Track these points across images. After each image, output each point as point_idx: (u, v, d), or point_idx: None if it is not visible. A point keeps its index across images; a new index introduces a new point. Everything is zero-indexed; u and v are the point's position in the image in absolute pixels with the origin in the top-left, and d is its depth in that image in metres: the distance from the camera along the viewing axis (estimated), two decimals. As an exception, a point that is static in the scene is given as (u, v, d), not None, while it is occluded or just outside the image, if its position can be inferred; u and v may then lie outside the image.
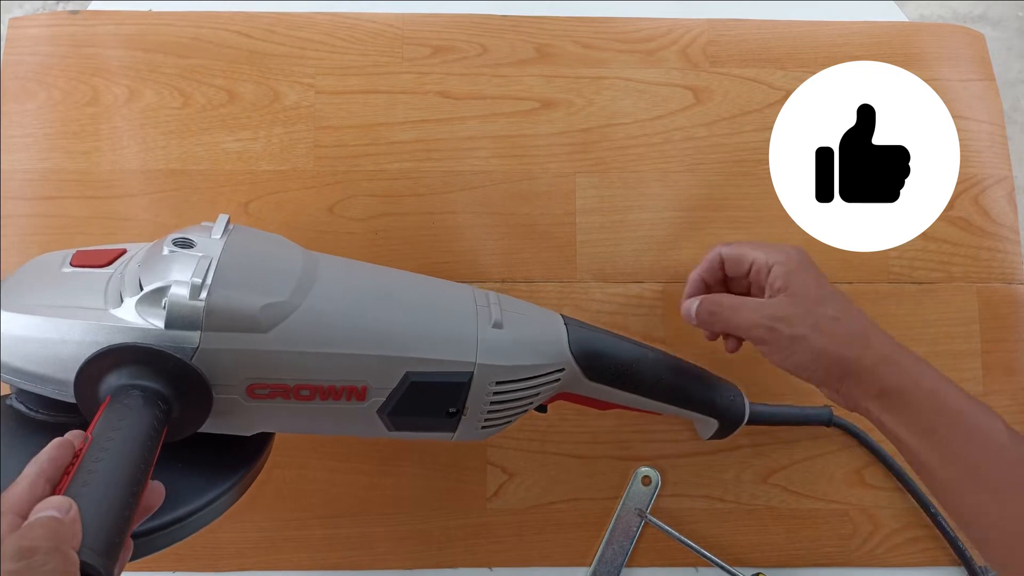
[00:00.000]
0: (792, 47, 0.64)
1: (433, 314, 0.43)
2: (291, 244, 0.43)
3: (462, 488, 0.57)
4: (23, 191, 0.59)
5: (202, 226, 0.41)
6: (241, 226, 0.42)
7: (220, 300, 0.36)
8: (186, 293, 0.36)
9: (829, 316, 0.44)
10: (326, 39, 0.62)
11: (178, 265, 0.37)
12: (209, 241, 0.39)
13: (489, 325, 0.43)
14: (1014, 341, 0.61)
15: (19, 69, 0.61)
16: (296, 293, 0.39)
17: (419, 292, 0.45)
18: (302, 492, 0.56)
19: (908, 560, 0.58)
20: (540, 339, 0.46)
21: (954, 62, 0.65)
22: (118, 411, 0.34)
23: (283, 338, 0.38)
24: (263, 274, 0.39)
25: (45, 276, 0.40)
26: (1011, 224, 0.63)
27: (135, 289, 0.37)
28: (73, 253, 0.41)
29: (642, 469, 0.58)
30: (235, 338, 0.37)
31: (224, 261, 0.38)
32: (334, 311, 0.40)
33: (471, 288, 0.47)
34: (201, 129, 0.60)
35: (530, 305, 0.49)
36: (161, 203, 0.59)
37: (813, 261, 0.48)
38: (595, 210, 0.61)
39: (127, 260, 0.40)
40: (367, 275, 0.45)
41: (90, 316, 0.36)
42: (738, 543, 0.58)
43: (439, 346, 0.41)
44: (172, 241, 0.38)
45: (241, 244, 0.40)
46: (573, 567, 0.57)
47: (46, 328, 0.36)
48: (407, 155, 0.61)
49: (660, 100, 0.63)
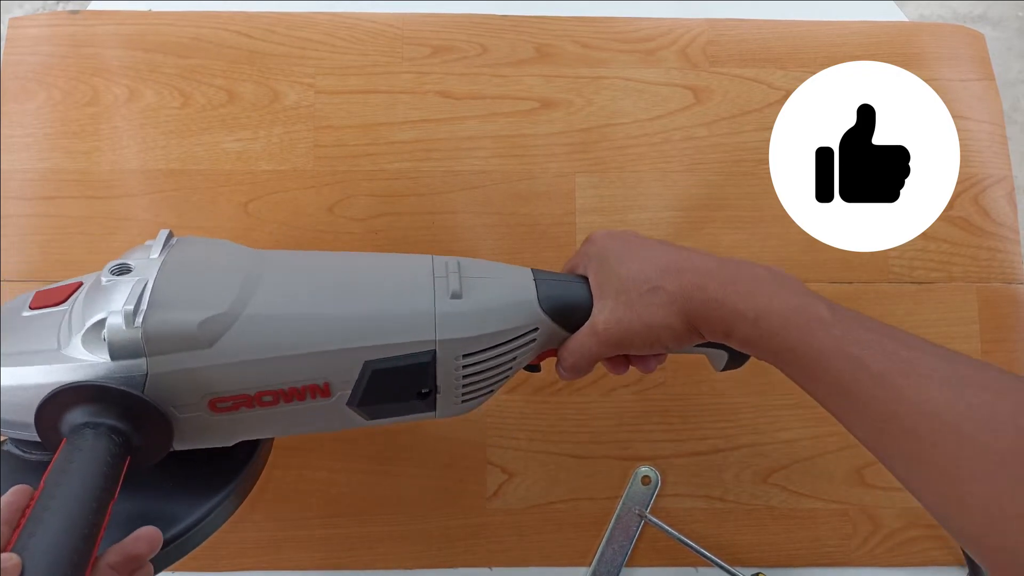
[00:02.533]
0: (792, 47, 0.64)
1: (384, 296, 0.41)
2: (237, 248, 0.42)
3: (462, 488, 0.57)
4: (23, 191, 0.59)
5: (144, 246, 0.41)
6: (185, 238, 0.42)
7: (156, 324, 0.36)
8: (121, 322, 0.35)
9: (648, 289, 0.41)
10: (326, 39, 0.62)
11: (115, 294, 0.37)
12: (146, 262, 0.39)
13: (447, 296, 0.41)
14: (1014, 341, 0.61)
15: (19, 69, 0.61)
16: (236, 302, 0.38)
17: (370, 275, 0.43)
18: (302, 492, 0.56)
19: (908, 560, 0.58)
20: (506, 302, 0.43)
21: (954, 62, 0.65)
22: (69, 453, 0.34)
23: (229, 350, 0.37)
24: (200, 288, 0.38)
25: (9, 323, 0.40)
26: (1011, 224, 0.63)
27: (80, 325, 0.37)
28: (33, 295, 0.41)
29: (642, 469, 0.58)
30: (181, 358, 0.37)
31: (159, 282, 0.37)
32: (278, 314, 0.39)
33: (431, 258, 0.44)
34: (201, 129, 0.60)
35: (498, 265, 0.46)
36: (161, 203, 0.59)
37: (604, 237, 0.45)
38: (595, 210, 0.61)
39: (79, 294, 0.40)
40: (315, 267, 0.43)
41: (43, 359, 0.37)
42: (738, 543, 0.58)
43: (394, 329, 0.40)
44: (109, 270, 0.38)
45: (179, 260, 0.39)
46: (573, 567, 0.57)
47: (7, 376, 0.37)
48: (407, 155, 0.61)
49: (660, 100, 0.63)
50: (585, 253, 0.46)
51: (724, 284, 0.40)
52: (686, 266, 0.41)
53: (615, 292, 0.42)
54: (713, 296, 0.40)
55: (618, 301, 0.42)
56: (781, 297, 0.39)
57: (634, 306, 0.41)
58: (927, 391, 0.33)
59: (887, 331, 0.36)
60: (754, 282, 0.40)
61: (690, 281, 0.40)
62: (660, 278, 0.41)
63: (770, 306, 0.38)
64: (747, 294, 0.39)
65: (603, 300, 0.43)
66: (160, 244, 0.40)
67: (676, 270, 0.41)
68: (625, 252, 0.43)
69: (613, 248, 0.44)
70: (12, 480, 0.37)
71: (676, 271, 0.41)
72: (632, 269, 0.42)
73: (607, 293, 0.43)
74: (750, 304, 0.39)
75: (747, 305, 0.39)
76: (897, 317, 0.61)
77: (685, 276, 0.41)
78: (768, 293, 0.39)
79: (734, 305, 0.39)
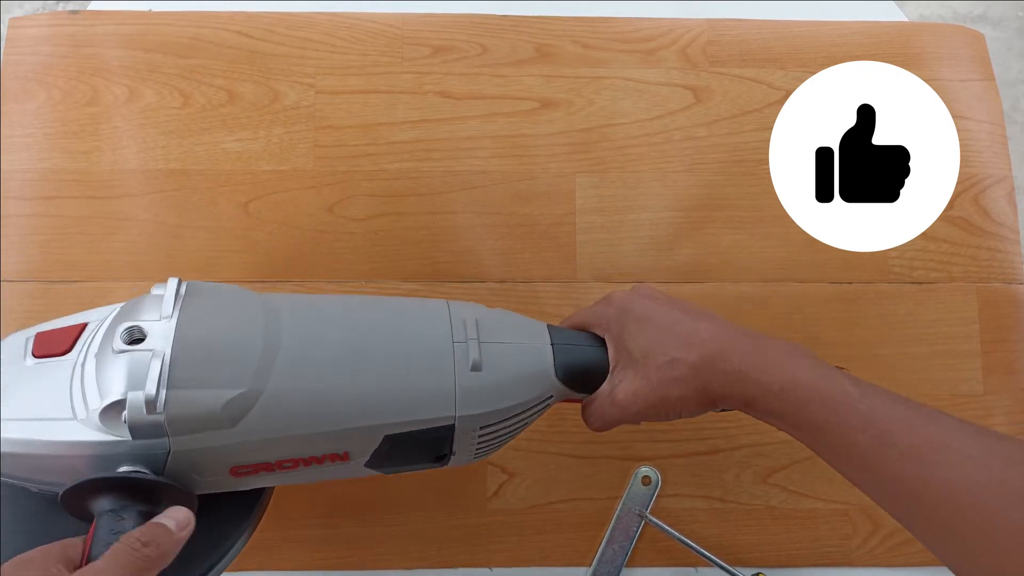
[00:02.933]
0: (792, 47, 0.64)
1: (403, 370, 0.41)
2: (248, 302, 0.40)
3: (462, 488, 0.57)
4: (23, 191, 0.59)
5: (153, 296, 0.39)
6: (195, 287, 0.40)
7: (179, 407, 0.35)
8: (143, 407, 0.35)
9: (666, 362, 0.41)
10: (326, 39, 0.62)
11: (130, 370, 0.35)
12: (159, 327, 0.37)
13: (467, 368, 0.41)
14: (1014, 341, 0.61)
15: (19, 69, 0.61)
16: (257, 376, 0.37)
17: (387, 342, 0.41)
18: (302, 492, 0.56)
19: (908, 560, 0.58)
20: (524, 372, 0.43)
21: (954, 62, 0.65)
22: (103, 535, 0.35)
23: (251, 429, 0.37)
24: (220, 362, 0.37)
25: (12, 373, 0.39)
26: (1011, 224, 0.63)
27: (95, 399, 0.36)
28: (34, 339, 0.40)
29: (642, 469, 0.58)
30: (204, 437, 0.36)
31: (177, 355, 0.36)
32: (300, 390, 0.38)
33: (447, 312, 0.43)
34: (201, 129, 0.60)
35: (514, 322, 0.45)
36: (161, 203, 0.59)
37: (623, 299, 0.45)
38: (595, 210, 0.61)
39: (86, 345, 0.39)
40: (334, 328, 0.41)
41: (59, 431, 0.36)
42: (738, 543, 0.58)
43: (414, 407, 0.40)
44: (121, 335, 0.36)
45: (193, 323, 0.37)
46: (573, 567, 0.57)
47: (22, 446, 0.36)
48: (407, 155, 0.61)
49: (660, 100, 0.63)
50: (603, 314, 0.46)
51: (746, 356, 0.40)
52: (705, 336, 0.41)
53: (633, 362, 0.43)
54: (735, 368, 0.40)
55: (636, 373, 0.42)
56: (805, 369, 0.39)
57: (651, 379, 0.42)
58: (955, 466, 0.33)
59: (913, 406, 0.36)
60: (776, 354, 0.40)
61: (711, 352, 0.41)
62: (679, 349, 0.41)
63: (795, 379, 0.38)
64: (770, 366, 0.39)
65: (622, 370, 0.43)
66: (171, 299, 0.38)
67: (696, 341, 0.41)
68: (644, 318, 0.43)
69: (632, 312, 0.44)
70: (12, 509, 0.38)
71: (696, 342, 0.41)
72: (651, 339, 0.42)
73: (625, 362, 0.43)
74: (774, 376, 0.39)
75: (771, 377, 0.39)
76: (897, 317, 0.61)
77: (706, 347, 0.41)
78: (792, 366, 0.39)
79: (758, 377, 0.39)
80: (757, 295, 0.61)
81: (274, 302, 0.41)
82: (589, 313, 0.47)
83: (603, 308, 0.46)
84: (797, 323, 0.60)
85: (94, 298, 0.58)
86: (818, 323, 0.60)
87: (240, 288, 0.41)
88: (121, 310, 0.39)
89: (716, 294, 0.60)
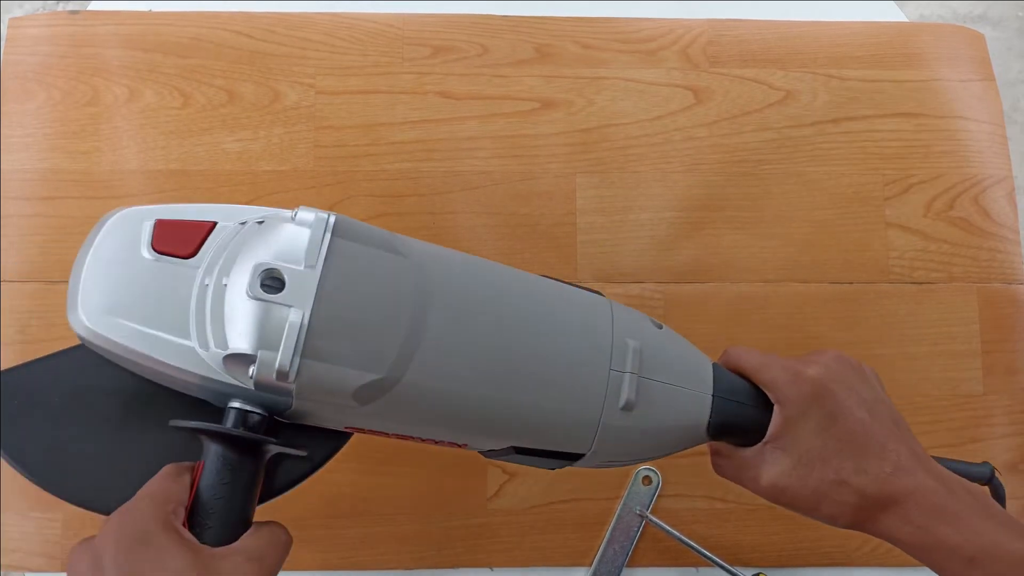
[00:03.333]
0: (792, 47, 0.64)
1: (551, 395, 0.37)
2: (400, 268, 0.36)
3: (463, 488, 0.57)
4: (23, 191, 0.59)
5: (296, 227, 0.34)
6: (344, 227, 0.35)
7: (310, 380, 0.33)
8: (273, 373, 0.32)
9: (835, 482, 0.37)
10: (326, 39, 0.62)
11: (263, 325, 0.32)
12: (300, 277, 0.33)
13: (617, 406, 0.37)
14: (1014, 341, 0.61)
15: (19, 69, 0.61)
16: (396, 365, 0.34)
17: (540, 356, 0.37)
18: (302, 492, 0.56)
19: (908, 560, 0.58)
20: (675, 424, 0.39)
21: (954, 62, 0.65)
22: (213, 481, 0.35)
23: (378, 411, 0.35)
24: (361, 339, 0.34)
25: (126, 261, 0.35)
26: (1011, 224, 0.63)
27: (221, 338, 0.33)
28: (154, 227, 0.36)
29: (643, 469, 0.58)
30: (328, 405, 0.35)
31: (316, 321, 0.32)
32: (436, 390, 0.35)
33: (610, 323, 0.39)
34: (201, 129, 0.60)
35: (679, 356, 0.40)
36: (161, 203, 0.59)
37: (831, 387, 0.39)
38: (595, 210, 0.61)
39: (212, 253, 0.35)
40: (483, 320, 0.37)
41: (178, 356, 0.34)
42: (739, 543, 0.58)
43: (550, 434, 0.38)
44: (260, 279, 0.33)
45: (338, 284, 0.34)
46: (573, 567, 0.57)
47: (142, 356, 0.34)
48: (407, 155, 0.61)
49: (660, 100, 0.63)
50: (788, 384, 0.39)
51: (933, 508, 0.36)
52: (888, 470, 0.37)
53: (797, 456, 0.38)
54: (918, 522, 0.36)
55: (795, 469, 0.38)
56: (1001, 535, 0.35)
57: (808, 485, 0.38)
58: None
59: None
60: (970, 510, 0.36)
61: (890, 492, 0.37)
62: (854, 473, 0.37)
63: (994, 549, 0.35)
64: (964, 526, 0.35)
65: (781, 452, 0.39)
66: (318, 243, 0.34)
67: (879, 472, 0.37)
68: (833, 416, 0.38)
69: (823, 403, 0.39)
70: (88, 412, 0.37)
71: (879, 474, 0.37)
72: (828, 447, 0.38)
73: (787, 447, 0.39)
74: (968, 539, 0.35)
75: (963, 540, 0.35)
76: (898, 317, 0.61)
77: (887, 484, 0.37)
78: (990, 529, 0.35)
79: (946, 538, 0.36)
80: (757, 295, 0.61)
81: (426, 268, 0.36)
82: (766, 367, 0.41)
83: (790, 377, 0.39)
84: (797, 323, 0.60)
85: (94, 298, 0.58)
86: (818, 323, 0.60)
87: (391, 238, 0.37)
88: (259, 229, 0.35)
89: (716, 294, 0.60)
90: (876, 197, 0.62)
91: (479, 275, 0.38)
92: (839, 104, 0.63)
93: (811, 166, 0.62)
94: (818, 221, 0.62)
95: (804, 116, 0.63)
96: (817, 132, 0.63)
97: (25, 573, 0.56)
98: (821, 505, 0.38)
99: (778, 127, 0.63)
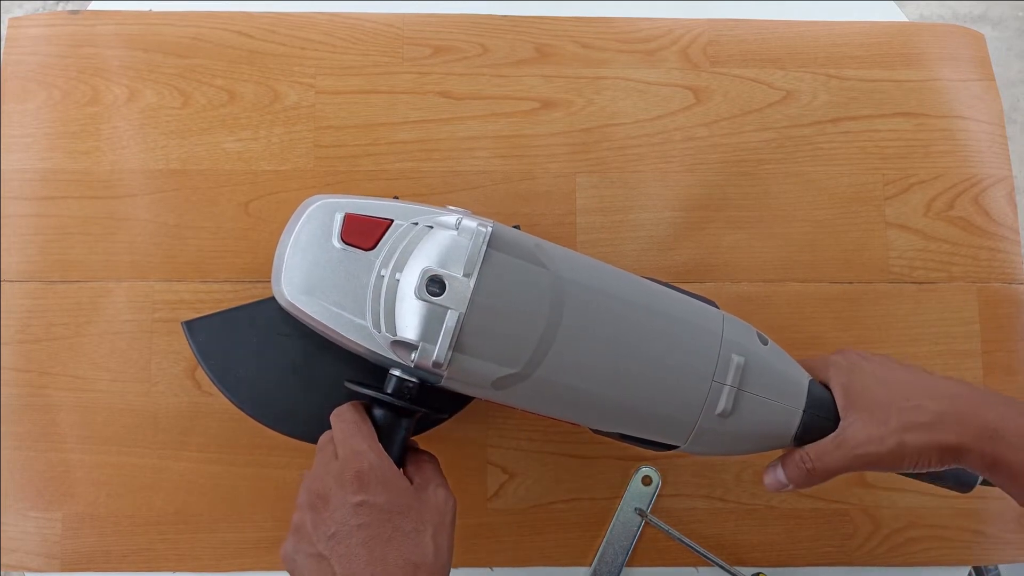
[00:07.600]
0: (792, 47, 0.64)
1: (659, 397, 0.43)
2: (540, 279, 0.43)
3: (463, 488, 0.57)
4: (23, 191, 0.59)
5: (460, 240, 0.41)
6: (497, 237, 0.42)
7: (459, 370, 0.41)
8: (430, 362, 0.40)
9: (909, 407, 0.40)
10: (326, 39, 0.62)
11: (427, 321, 0.40)
12: (459, 285, 0.40)
13: (715, 413, 0.43)
14: (1014, 341, 0.61)
15: (19, 69, 0.61)
16: (531, 362, 0.42)
17: (654, 362, 0.43)
18: (302, 492, 0.56)
19: (908, 560, 0.58)
20: (766, 432, 0.44)
21: (954, 62, 0.65)
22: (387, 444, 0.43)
23: (510, 396, 0.43)
24: (504, 338, 0.41)
25: (320, 248, 0.43)
26: (1011, 224, 0.63)
27: (390, 325, 0.41)
28: (343, 221, 0.43)
29: (642, 469, 0.58)
30: (470, 388, 0.43)
31: (469, 323, 0.40)
32: (562, 385, 0.43)
33: (719, 336, 0.44)
34: (201, 129, 0.60)
35: (780, 373, 0.45)
36: (161, 203, 0.59)
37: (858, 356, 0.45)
38: (595, 210, 0.61)
39: (388, 248, 0.43)
40: (608, 325, 0.43)
41: (355, 332, 0.42)
42: (738, 543, 0.58)
43: (653, 427, 0.44)
44: (426, 284, 0.40)
45: (489, 291, 0.41)
46: (573, 567, 0.57)
47: (327, 328, 0.42)
48: (407, 155, 0.61)
49: (660, 100, 0.63)
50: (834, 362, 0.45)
51: (1001, 415, 0.38)
52: (954, 391, 0.40)
53: (867, 407, 0.41)
54: (989, 424, 0.38)
55: (872, 416, 0.41)
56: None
57: (890, 423, 0.40)
58: None
59: None
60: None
61: (961, 406, 0.39)
62: (924, 397, 0.40)
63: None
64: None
65: (855, 413, 0.42)
66: (477, 256, 0.41)
67: (944, 393, 0.40)
68: (883, 374, 0.43)
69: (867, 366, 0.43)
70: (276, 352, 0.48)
71: (945, 394, 0.40)
72: (892, 390, 0.41)
73: (858, 404, 0.42)
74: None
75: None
76: (898, 317, 0.61)
77: (956, 400, 0.39)
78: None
79: (1014, 439, 0.37)
80: (757, 295, 0.61)
81: (563, 279, 0.43)
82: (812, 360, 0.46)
83: (835, 357, 0.45)
84: (797, 323, 0.60)
85: (94, 298, 0.58)
86: (818, 323, 0.60)
87: (535, 249, 0.44)
88: (429, 233, 0.42)
89: (716, 294, 0.60)
90: (876, 197, 0.62)
91: (606, 285, 0.45)
92: (839, 104, 0.63)
93: (811, 166, 0.62)
94: (818, 221, 0.62)
95: (804, 116, 0.63)
96: (817, 132, 0.63)
97: (25, 573, 0.56)
98: (908, 438, 0.39)
99: (778, 127, 0.63)
